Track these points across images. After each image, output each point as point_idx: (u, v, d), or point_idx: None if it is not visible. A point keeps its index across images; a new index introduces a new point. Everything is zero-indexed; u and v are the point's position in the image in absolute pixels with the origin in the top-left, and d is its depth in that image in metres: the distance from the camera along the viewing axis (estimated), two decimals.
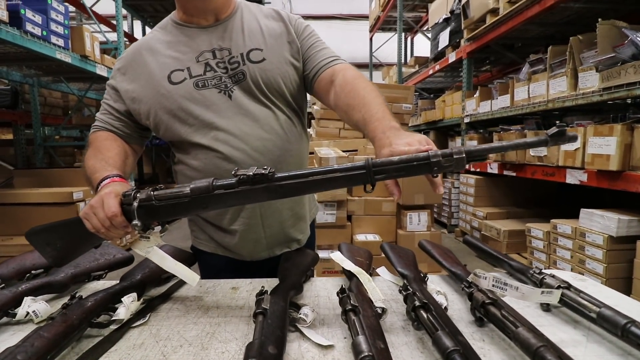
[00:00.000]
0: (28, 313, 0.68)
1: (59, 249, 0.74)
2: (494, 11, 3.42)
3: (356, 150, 3.10)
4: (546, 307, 0.72)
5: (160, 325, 0.68)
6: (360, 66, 11.43)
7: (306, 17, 1.09)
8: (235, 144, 0.85)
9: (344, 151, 2.90)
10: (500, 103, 3.37)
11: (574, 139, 0.57)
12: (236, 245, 0.94)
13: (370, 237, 2.51)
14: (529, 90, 2.93)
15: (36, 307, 0.68)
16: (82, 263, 0.88)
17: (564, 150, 2.50)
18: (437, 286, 0.76)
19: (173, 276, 0.87)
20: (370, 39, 8.83)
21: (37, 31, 2.72)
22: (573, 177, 2.43)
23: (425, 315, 0.59)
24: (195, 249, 1.01)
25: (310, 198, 1.07)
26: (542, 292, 0.63)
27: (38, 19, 2.73)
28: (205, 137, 0.86)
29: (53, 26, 2.91)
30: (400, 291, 0.70)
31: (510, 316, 0.57)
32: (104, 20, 5.09)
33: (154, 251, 0.72)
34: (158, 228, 0.71)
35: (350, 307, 0.60)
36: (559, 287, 0.68)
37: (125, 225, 0.67)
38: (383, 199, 2.61)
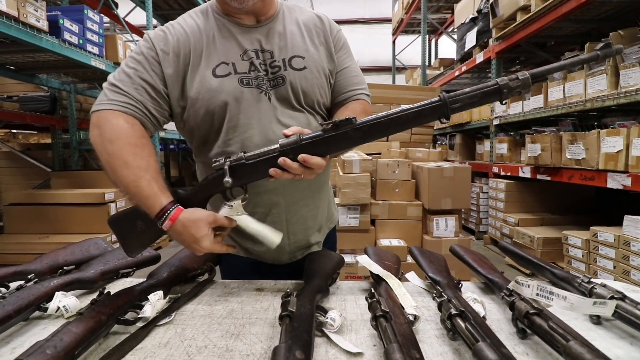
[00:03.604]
0: (59, 308, 0.68)
1: (139, 230, 0.76)
2: (525, 8, 3.29)
3: (379, 154, 3.05)
4: (596, 320, 0.66)
5: (185, 324, 0.67)
6: (382, 69, 11.41)
7: None
8: None
9: (367, 154, 2.86)
10: (532, 104, 3.22)
11: (619, 51, 0.67)
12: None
13: (395, 242, 2.44)
14: (564, 90, 2.78)
15: (66, 302, 0.69)
16: (111, 260, 0.90)
17: (604, 153, 2.35)
18: (471, 293, 0.71)
19: (199, 275, 0.87)
20: (393, 42, 8.75)
21: (74, 40, 2.87)
22: (615, 182, 2.27)
23: (462, 325, 0.54)
24: None
25: (329, 205, 1.04)
26: (595, 303, 0.57)
27: (75, 28, 2.88)
28: (240, 136, 0.82)
29: (89, 35, 3.06)
30: (433, 298, 0.66)
31: (559, 328, 0.52)
32: (135, 29, 5.32)
33: (239, 218, 0.74)
34: (239, 199, 0.74)
35: (380, 312, 0.56)
36: (612, 298, 0.62)
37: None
38: (408, 203, 2.54)
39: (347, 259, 2.36)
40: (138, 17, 5.14)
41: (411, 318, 0.61)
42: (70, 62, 3.01)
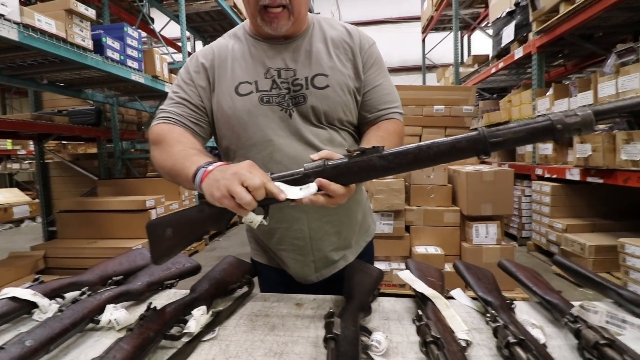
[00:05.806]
0: (110, 320, 0.71)
1: (167, 237, 0.69)
2: None
3: None
4: None
5: (228, 341, 0.67)
6: (412, 69, 11.18)
7: (355, 24, 1.06)
8: (289, 166, 0.83)
9: None
10: (580, 101, 3.01)
11: None
12: (286, 269, 0.94)
13: (432, 250, 2.36)
14: (617, 85, 2.57)
15: (117, 315, 0.72)
16: (156, 272, 0.93)
17: None
18: (527, 316, 0.66)
19: (238, 287, 0.87)
20: (423, 40, 8.55)
21: (116, 56, 3.04)
22: None
23: (524, 356, 0.50)
24: (253, 261, 1.02)
25: (365, 217, 1.02)
26: None
27: (116, 45, 3.05)
28: (260, 153, 0.85)
29: (129, 51, 3.23)
30: (487, 322, 0.61)
31: None
32: (170, 42, 5.59)
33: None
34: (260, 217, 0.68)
35: (431, 338, 0.53)
36: None
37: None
38: (444, 208, 2.45)
39: (381, 266, 2.31)
40: (173, 30, 5.39)
41: (463, 344, 0.57)
42: (113, 77, 3.20)
